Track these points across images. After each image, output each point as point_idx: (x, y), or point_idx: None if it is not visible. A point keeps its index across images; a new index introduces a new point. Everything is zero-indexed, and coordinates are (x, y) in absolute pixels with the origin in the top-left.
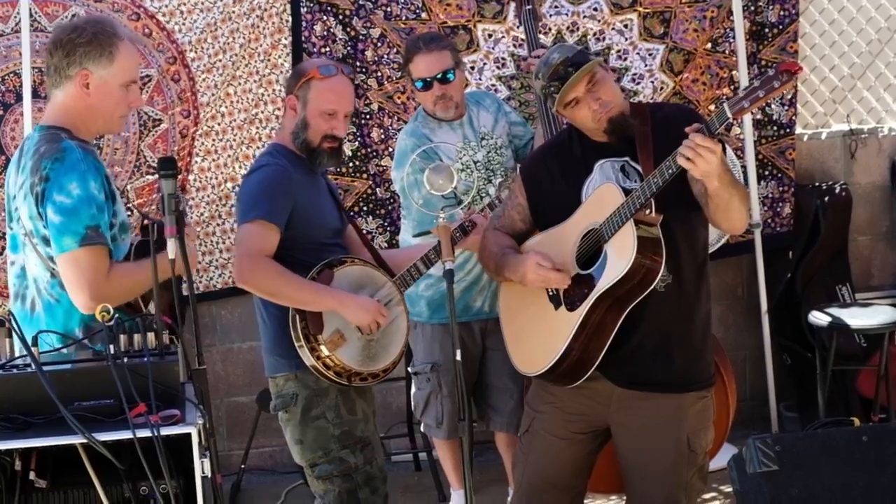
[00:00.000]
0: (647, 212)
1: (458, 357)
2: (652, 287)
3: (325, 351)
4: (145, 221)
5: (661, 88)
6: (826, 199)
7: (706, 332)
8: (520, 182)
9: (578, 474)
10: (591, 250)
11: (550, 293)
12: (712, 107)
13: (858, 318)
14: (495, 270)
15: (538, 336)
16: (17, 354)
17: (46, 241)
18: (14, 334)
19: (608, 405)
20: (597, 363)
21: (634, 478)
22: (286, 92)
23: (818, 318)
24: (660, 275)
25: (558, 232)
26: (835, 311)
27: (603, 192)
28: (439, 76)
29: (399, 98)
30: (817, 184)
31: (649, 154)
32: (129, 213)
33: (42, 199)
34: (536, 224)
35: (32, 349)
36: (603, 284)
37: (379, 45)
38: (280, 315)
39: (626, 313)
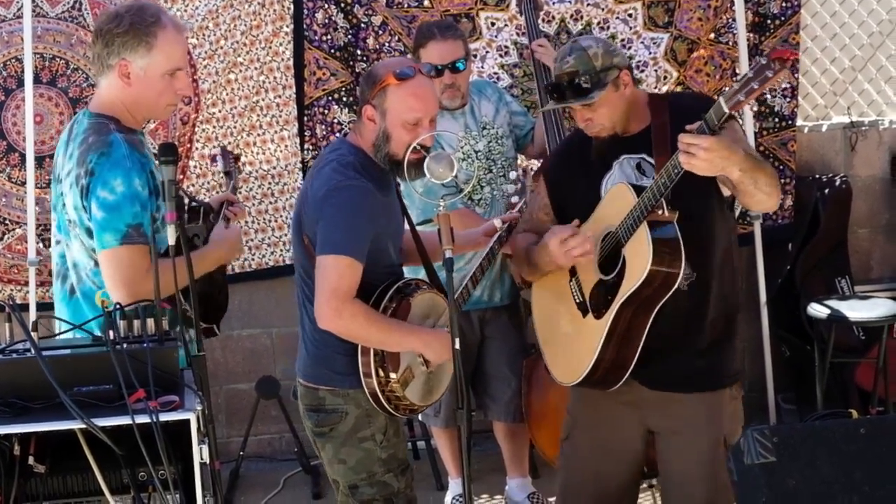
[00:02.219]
0: (660, 212)
1: (457, 346)
2: (676, 286)
3: (397, 389)
4: (193, 203)
5: (665, 78)
6: (826, 191)
7: (734, 326)
8: (542, 180)
9: (620, 487)
10: (612, 254)
11: (577, 300)
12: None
13: (857, 310)
14: (529, 267)
15: (571, 345)
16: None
17: (90, 233)
18: (14, 319)
19: (642, 408)
20: (632, 366)
21: (672, 480)
22: (360, 99)
23: (817, 310)
24: (682, 274)
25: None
26: (834, 303)
27: (615, 194)
28: (450, 65)
29: None
30: (817, 176)
31: (664, 150)
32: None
33: (87, 192)
34: (561, 222)
35: (32, 334)
36: (625, 290)
37: (380, 32)
38: None
39: (654, 313)
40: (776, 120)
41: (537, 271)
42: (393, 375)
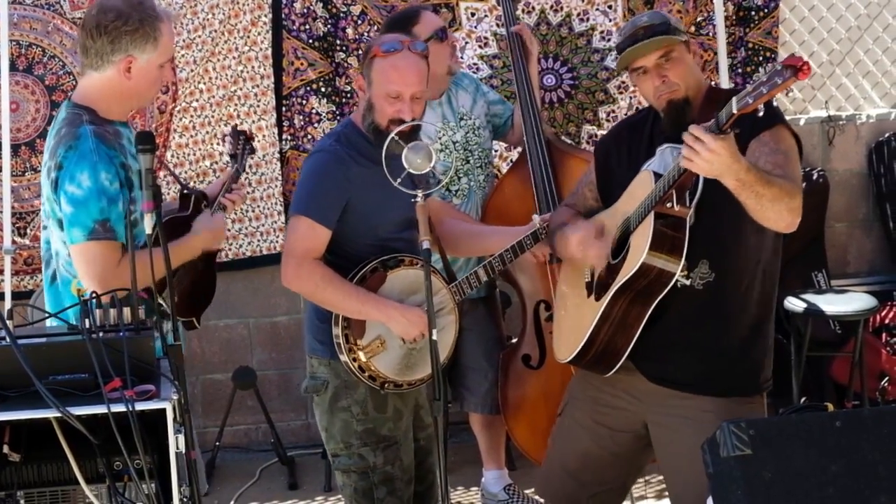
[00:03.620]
0: (669, 205)
1: (435, 337)
2: (672, 283)
3: (362, 357)
4: (185, 191)
5: None
6: (803, 185)
7: (756, 337)
8: (594, 158)
9: (604, 473)
10: (624, 239)
11: (587, 279)
12: None
13: (834, 304)
14: (553, 248)
15: (571, 322)
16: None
17: (61, 225)
18: None
19: (643, 401)
20: (625, 355)
21: (671, 479)
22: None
23: (794, 304)
24: (678, 271)
25: (604, 218)
26: (810, 297)
27: (638, 181)
28: (444, 27)
29: None
30: None
31: None
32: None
33: (56, 186)
34: (604, 203)
35: (7, 323)
36: (621, 277)
37: (360, 22)
38: None
39: (651, 308)
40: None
41: (556, 251)
42: (358, 342)
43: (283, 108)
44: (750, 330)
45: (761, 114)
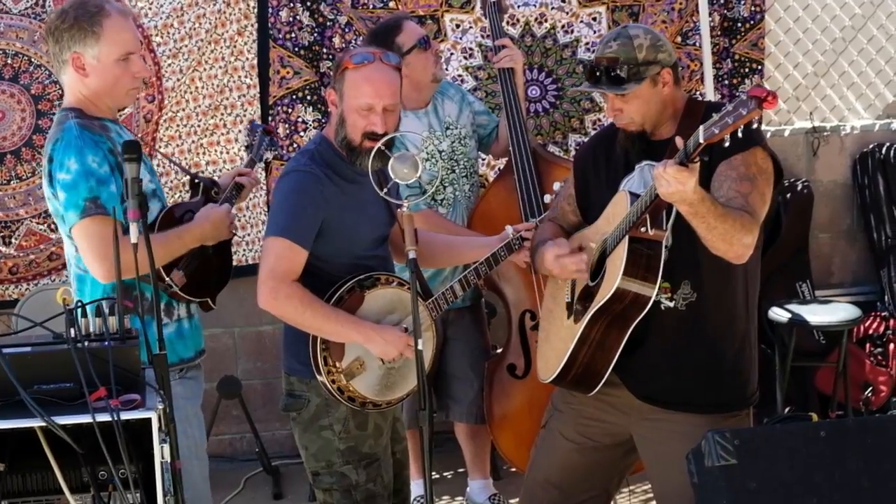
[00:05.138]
0: (644, 230)
1: (420, 346)
2: (649, 306)
3: (342, 379)
4: (196, 181)
5: None
6: (788, 196)
7: (741, 352)
8: (572, 171)
9: (588, 482)
10: (602, 260)
11: (567, 300)
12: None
13: (818, 314)
14: (534, 266)
15: (552, 343)
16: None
17: (63, 220)
18: None
19: (630, 415)
20: (605, 377)
21: (660, 491)
22: (329, 84)
23: (778, 314)
24: (653, 295)
25: (584, 236)
26: (795, 307)
27: (616, 201)
28: (427, 35)
29: None
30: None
31: None
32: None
33: (51, 179)
34: (584, 217)
35: None
36: (597, 301)
37: (346, 31)
38: None
39: (630, 330)
40: None
41: (537, 268)
42: (338, 365)
43: (269, 118)
44: (736, 344)
45: (727, 144)
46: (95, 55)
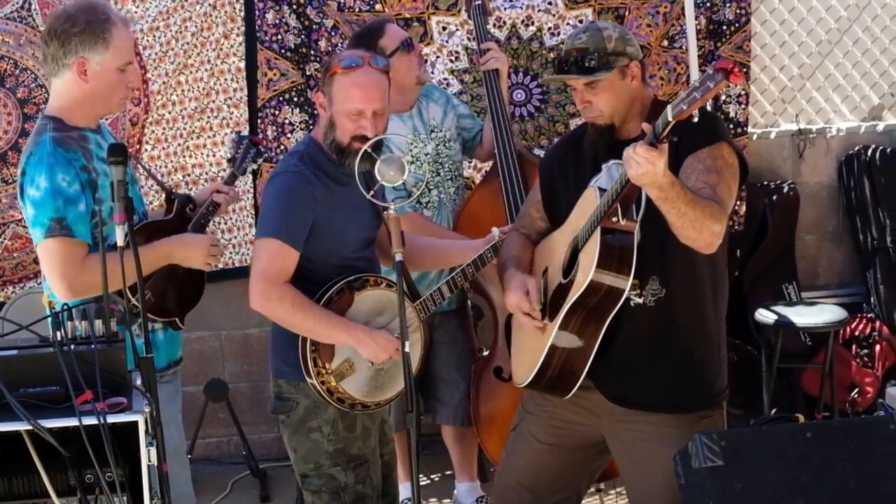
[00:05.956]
0: (615, 219)
1: (407, 349)
2: (623, 298)
3: (332, 381)
4: (172, 196)
5: None
6: (774, 198)
7: (710, 349)
8: (538, 178)
9: (560, 483)
10: (574, 257)
11: (540, 300)
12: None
13: (804, 316)
14: (501, 280)
15: (527, 346)
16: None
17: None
18: None
19: (601, 417)
20: (583, 375)
21: (635, 493)
22: (318, 87)
23: (764, 315)
24: (628, 286)
25: (553, 238)
26: (781, 309)
27: (585, 197)
28: (409, 38)
29: None
30: (765, 182)
31: None
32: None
33: (22, 192)
34: (552, 223)
35: None
36: (571, 295)
37: (332, 34)
38: None
39: (605, 326)
40: (731, 126)
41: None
42: (327, 366)
43: (258, 121)
44: (706, 341)
45: (696, 119)
46: (101, 62)
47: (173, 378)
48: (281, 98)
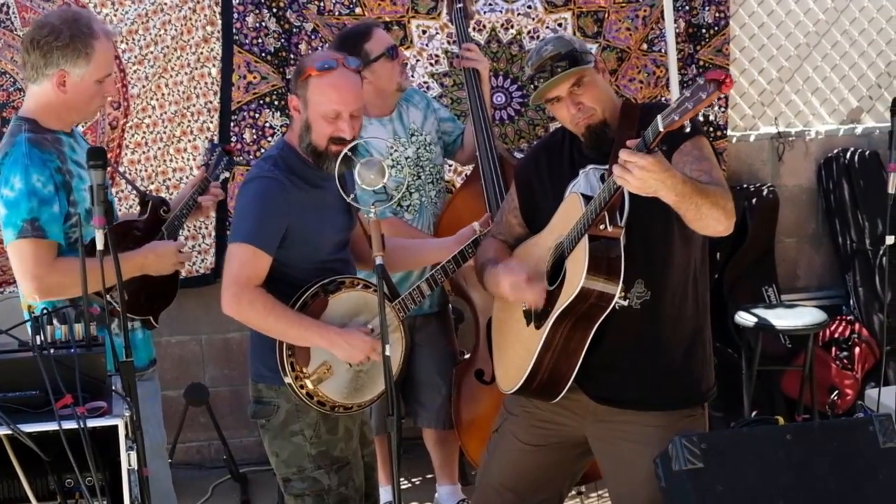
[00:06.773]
0: (602, 227)
1: (388, 352)
2: (612, 304)
3: (309, 385)
4: (146, 198)
5: None
6: (753, 200)
7: (695, 348)
8: (514, 184)
9: (542, 484)
10: (559, 264)
11: (524, 308)
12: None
13: (784, 318)
14: (482, 284)
15: (513, 352)
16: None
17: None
18: None
19: (585, 417)
20: (571, 380)
21: (613, 492)
22: (290, 90)
23: (744, 318)
24: (617, 292)
25: (534, 244)
26: (761, 311)
27: (568, 203)
28: (395, 45)
29: None
30: (745, 185)
31: None
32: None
33: None
34: (530, 228)
35: None
36: (560, 303)
37: (313, 38)
38: None
39: (594, 331)
40: (711, 129)
41: (487, 289)
42: (305, 370)
43: (232, 124)
44: (690, 341)
45: (688, 129)
46: (81, 74)
47: (153, 376)
48: (261, 101)
